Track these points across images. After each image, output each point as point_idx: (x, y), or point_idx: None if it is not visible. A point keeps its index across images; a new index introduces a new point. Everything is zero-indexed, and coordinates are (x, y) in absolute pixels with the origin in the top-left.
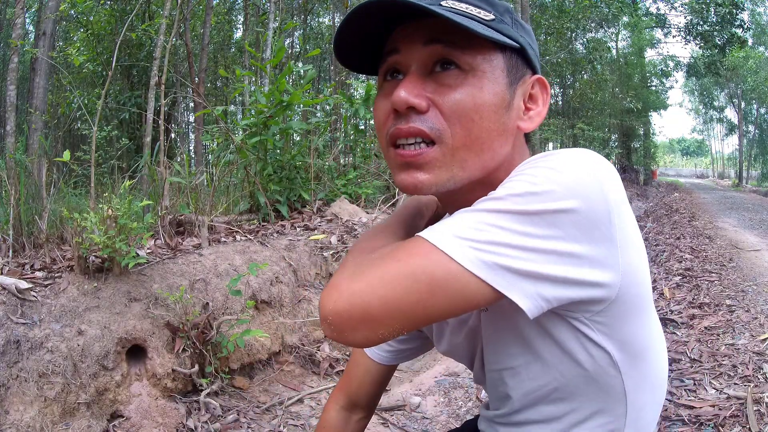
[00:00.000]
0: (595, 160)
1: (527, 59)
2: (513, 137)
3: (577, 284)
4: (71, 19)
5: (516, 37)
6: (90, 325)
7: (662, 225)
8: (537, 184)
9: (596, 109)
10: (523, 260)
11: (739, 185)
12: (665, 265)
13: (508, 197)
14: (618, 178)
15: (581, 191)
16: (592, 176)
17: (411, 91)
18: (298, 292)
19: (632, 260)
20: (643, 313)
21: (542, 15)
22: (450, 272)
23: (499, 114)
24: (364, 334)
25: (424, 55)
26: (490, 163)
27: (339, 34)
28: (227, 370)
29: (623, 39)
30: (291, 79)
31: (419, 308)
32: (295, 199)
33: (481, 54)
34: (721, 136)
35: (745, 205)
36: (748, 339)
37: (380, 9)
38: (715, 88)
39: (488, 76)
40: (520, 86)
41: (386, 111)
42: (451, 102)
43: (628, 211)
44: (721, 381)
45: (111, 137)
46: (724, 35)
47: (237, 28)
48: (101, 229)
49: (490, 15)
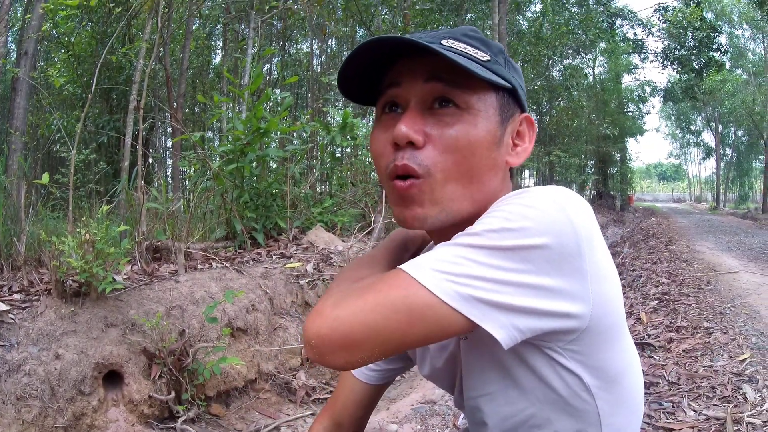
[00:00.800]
0: (566, 197)
1: (517, 98)
2: (502, 172)
3: (549, 315)
4: (53, 40)
5: (509, 78)
6: (67, 350)
7: (639, 250)
8: (511, 221)
9: (573, 135)
10: (497, 293)
11: (717, 208)
12: (642, 290)
13: (484, 233)
14: (590, 213)
15: (553, 228)
16: (563, 213)
17: (411, 126)
18: (274, 320)
19: (603, 291)
20: (617, 340)
21: (519, 42)
22: (427, 303)
23: (490, 150)
24: (344, 357)
25: (424, 91)
26: (480, 196)
27: (345, 67)
28: (204, 398)
29: (600, 65)
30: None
31: (398, 336)
32: (271, 226)
33: (477, 93)
34: (698, 160)
35: (722, 227)
36: (727, 360)
37: (387, 45)
38: (692, 112)
39: (482, 114)
40: (510, 124)
41: (384, 143)
42: (447, 138)
43: (599, 244)
44: (700, 402)
45: (89, 161)
46: (702, 59)
47: (216, 53)
48: (79, 253)
49: (486, 56)
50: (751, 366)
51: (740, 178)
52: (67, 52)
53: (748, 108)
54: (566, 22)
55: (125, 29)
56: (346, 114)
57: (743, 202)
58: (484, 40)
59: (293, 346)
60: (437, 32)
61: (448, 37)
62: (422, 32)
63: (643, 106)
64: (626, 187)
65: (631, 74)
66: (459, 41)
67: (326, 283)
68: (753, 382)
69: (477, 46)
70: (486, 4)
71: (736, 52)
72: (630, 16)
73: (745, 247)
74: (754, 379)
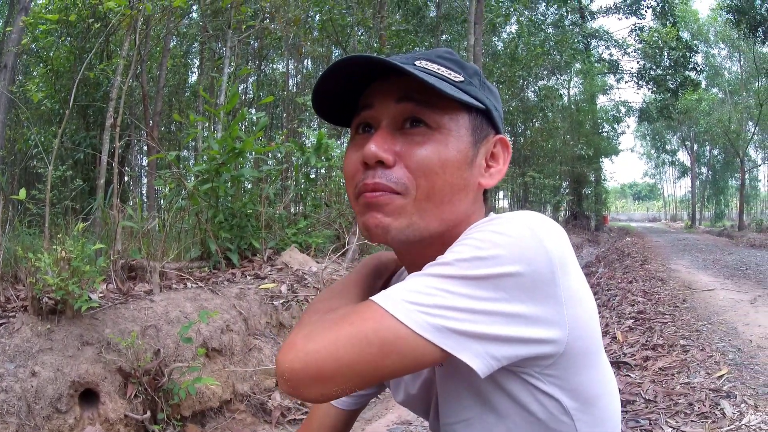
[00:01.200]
0: (539, 223)
1: (491, 120)
2: (473, 193)
3: (525, 342)
4: (32, 54)
5: (482, 99)
6: (43, 367)
7: (614, 270)
8: (483, 249)
9: (547, 156)
10: (471, 322)
11: (693, 227)
12: (617, 309)
13: (455, 262)
14: (564, 237)
15: (525, 255)
16: (536, 240)
17: (381, 145)
18: (249, 340)
19: (579, 315)
20: (594, 362)
21: (494, 63)
22: (400, 336)
23: (461, 170)
24: (318, 390)
25: (395, 111)
26: (449, 216)
27: (318, 87)
28: (179, 417)
29: (575, 86)
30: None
31: (371, 369)
32: (245, 247)
33: (448, 114)
34: (673, 179)
35: (698, 246)
36: (704, 377)
37: (358, 65)
38: (667, 131)
39: (454, 134)
40: (484, 145)
41: (356, 163)
42: (417, 157)
43: (574, 269)
44: (678, 419)
45: (65, 177)
46: (677, 79)
47: (192, 71)
48: (55, 270)
49: (459, 77)
50: (728, 382)
51: (716, 197)
52: (45, 67)
53: (723, 126)
54: (541, 43)
55: (103, 45)
56: (321, 135)
57: (719, 220)
58: (459, 61)
59: (268, 367)
60: (413, 54)
61: (422, 59)
62: (398, 54)
63: (618, 126)
64: (601, 207)
65: (607, 95)
66: (433, 62)
67: (301, 304)
68: (731, 397)
69: (451, 67)
70: (462, 26)
71: (712, 71)
72: (606, 36)
73: (721, 265)
74: (732, 395)
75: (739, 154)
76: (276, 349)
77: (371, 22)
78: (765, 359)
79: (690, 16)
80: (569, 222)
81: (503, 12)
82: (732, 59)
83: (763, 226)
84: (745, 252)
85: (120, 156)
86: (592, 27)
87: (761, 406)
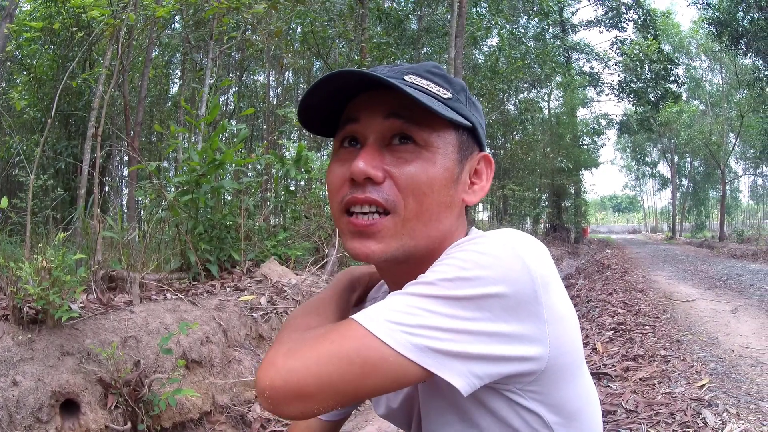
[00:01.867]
0: (521, 242)
1: (476, 137)
2: (458, 210)
3: (507, 360)
4: (15, 61)
5: (469, 116)
6: (24, 377)
7: (594, 281)
8: (466, 270)
9: (527, 169)
10: (453, 342)
11: (673, 238)
12: (597, 321)
13: (438, 282)
14: (546, 256)
15: (509, 276)
16: (518, 260)
17: (369, 162)
18: (229, 352)
19: (561, 332)
20: (576, 377)
21: (475, 76)
22: (382, 356)
23: (448, 188)
24: (298, 408)
25: (383, 127)
26: (436, 234)
27: (304, 101)
28: (159, 429)
29: (555, 99)
30: (224, 137)
31: (352, 388)
32: (225, 258)
33: (436, 131)
34: (653, 191)
35: (678, 257)
36: (685, 387)
37: (349, 80)
38: (647, 143)
39: (441, 152)
40: (468, 162)
41: (341, 177)
42: (406, 175)
43: (556, 287)
44: (659, 429)
45: (46, 186)
46: (658, 91)
47: (174, 82)
48: (36, 280)
49: (448, 93)
50: (710, 391)
51: (696, 208)
52: (29, 75)
53: (704, 138)
54: (522, 56)
55: (86, 54)
56: (301, 147)
57: (700, 231)
58: (447, 77)
59: (248, 379)
60: (400, 67)
61: (410, 73)
62: (384, 66)
63: (599, 138)
64: (581, 219)
65: (587, 107)
66: (422, 77)
67: (280, 316)
68: (713, 406)
69: (440, 83)
70: (443, 39)
71: (693, 83)
72: (587, 49)
73: (701, 276)
74: (713, 404)
75: (720, 166)
76: (256, 361)
77: (352, 34)
78: (746, 368)
79: (671, 29)
80: (549, 234)
81: (484, 25)
82: (713, 71)
83: (744, 236)
84: (726, 262)
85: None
86: (573, 40)
87: (743, 414)
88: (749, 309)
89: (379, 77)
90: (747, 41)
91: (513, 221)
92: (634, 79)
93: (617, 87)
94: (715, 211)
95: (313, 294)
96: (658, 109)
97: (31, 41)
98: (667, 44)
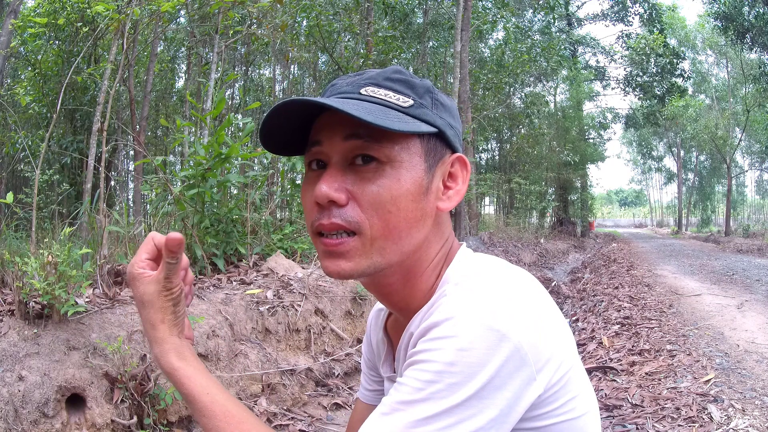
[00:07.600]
0: (500, 312)
1: (446, 139)
2: (431, 219)
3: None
4: (20, 57)
5: (433, 121)
6: (30, 372)
7: (600, 275)
8: (454, 374)
9: (533, 163)
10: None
11: (679, 232)
12: (603, 315)
13: (431, 396)
14: (533, 307)
15: (497, 362)
16: (502, 341)
17: (331, 185)
18: (235, 346)
19: (553, 370)
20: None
21: (481, 70)
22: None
23: (416, 201)
24: None
25: (344, 149)
26: (408, 248)
27: (264, 127)
28: (165, 423)
29: (561, 92)
30: (230, 131)
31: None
32: (231, 252)
33: (398, 144)
34: (659, 185)
35: (684, 251)
36: (691, 381)
37: (299, 108)
38: (654, 138)
39: (405, 165)
40: (439, 168)
41: (311, 200)
42: (369, 195)
43: (552, 329)
44: (665, 423)
45: (52, 181)
46: (664, 85)
47: (179, 76)
48: (41, 274)
49: (408, 100)
50: (716, 386)
51: (702, 202)
52: (33, 70)
53: (710, 132)
54: (528, 49)
55: (91, 49)
56: None
57: (705, 226)
58: (409, 81)
59: (254, 373)
60: (361, 77)
61: (369, 84)
62: (346, 77)
63: (605, 132)
64: (587, 213)
65: (593, 101)
66: (381, 87)
67: (286, 310)
68: (718, 401)
69: (400, 90)
70: (448, 32)
71: (699, 77)
72: (593, 43)
73: (707, 270)
74: (719, 399)
75: (725, 160)
76: (262, 355)
77: (358, 28)
78: (752, 364)
79: (677, 23)
80: (555, 228)
81: (490, 19)
82: (719, 66)
83: (749, 231)
84: (732, 257)
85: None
86: (579, 34)
87: (749, 410)
88: (755, 304)
89: (329, 104)
90: (753, 36)
91: (519, 215)
92: (640, 73)
93: (623, 81)
94: (721, 206)
95: (319, 288)
96: (664, 103)
97: (35, 37)
98: (672, 38)
